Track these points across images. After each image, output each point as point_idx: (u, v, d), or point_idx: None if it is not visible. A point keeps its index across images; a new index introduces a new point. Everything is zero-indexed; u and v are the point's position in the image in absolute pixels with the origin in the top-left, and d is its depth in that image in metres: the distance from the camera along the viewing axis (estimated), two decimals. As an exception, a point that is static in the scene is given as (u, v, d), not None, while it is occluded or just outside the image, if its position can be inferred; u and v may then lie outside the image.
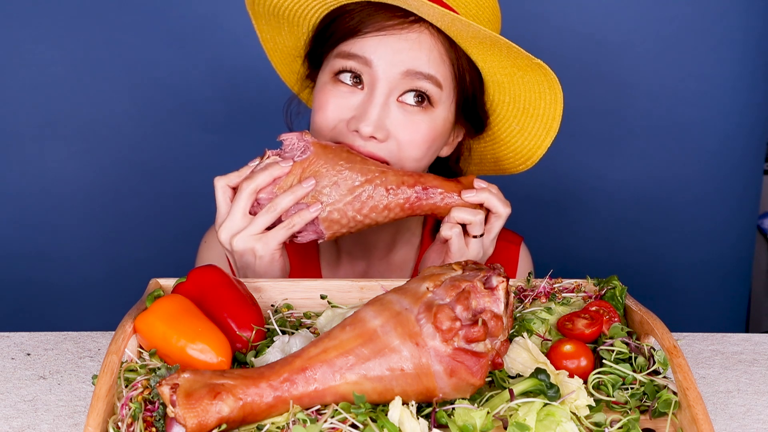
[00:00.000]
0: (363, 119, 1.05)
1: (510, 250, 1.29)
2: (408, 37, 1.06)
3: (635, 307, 0.86)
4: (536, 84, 1.08)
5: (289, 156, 1.01)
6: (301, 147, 1.01)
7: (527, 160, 1.18)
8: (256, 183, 0.98)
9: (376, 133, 1.05)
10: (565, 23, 1.61)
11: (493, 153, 1.22)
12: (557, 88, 1.07)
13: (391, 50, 1.05)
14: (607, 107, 1.66)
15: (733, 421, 0.87)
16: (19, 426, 0.83)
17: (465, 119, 1.15)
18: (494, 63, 1.07)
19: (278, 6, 1.14)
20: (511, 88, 1.11)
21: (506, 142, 1.18)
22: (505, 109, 1.15)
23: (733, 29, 1.63)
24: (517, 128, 1.16)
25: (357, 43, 1.07)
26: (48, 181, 1.63)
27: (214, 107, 1.63)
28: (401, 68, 1.05)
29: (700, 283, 1.77)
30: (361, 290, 0.90)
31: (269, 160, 1.01)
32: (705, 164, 1.70)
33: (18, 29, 1.56)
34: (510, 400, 0.72)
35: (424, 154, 1.10)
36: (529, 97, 1.11)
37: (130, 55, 1.58)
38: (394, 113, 1.06)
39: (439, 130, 1.10)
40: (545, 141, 1.14)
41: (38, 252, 1.65)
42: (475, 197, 1.03)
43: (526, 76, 1.07)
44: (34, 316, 1.67)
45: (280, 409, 0.69)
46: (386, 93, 1.06)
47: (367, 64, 1.06)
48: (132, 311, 0.79)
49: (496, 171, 1.25)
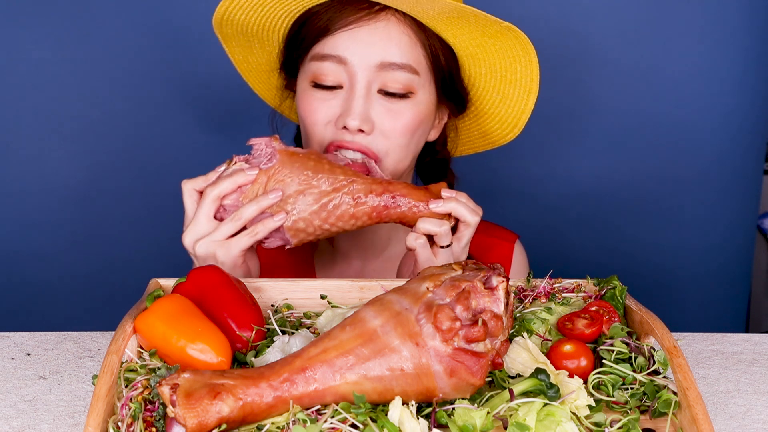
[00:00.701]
0: (348, 114, 1.06)
1: (504, 247, 1.30)
2: (376, 28, 1.07)
3: (635, 307, 0.86)
4: (509, 49, 1.09)
5: (255, 163, 1.00)
6: (267, 154, 1.00)
7: (513, 128, 1.19)
8: (219, 189, 0.98)
9: (362, 126, 1.06)
10: (564, 23, 1.61)
11: (479, 128, 1.23)
12: (530, 49, 1.08)
13: (362, 44, 1.07)
14: (606, 107, 1.66)
15: (733, 421, 0.87)
16: (19, 426, 0.83)
17: (447, 99, 1.16)
18: (464, 35, 1.08)
19: (246, 23, 1.14)
20: (486, 59, 1.12)
21: (490, 114, 1.19)
22: (483, 81, 1.16)
23: (733, 29, 1.62)
24: (498, 97, 1.16)
25: (328, 43, 1.08)
26: (48, 181, 1.62)
27: (213, 107, 1.63)
28: (375, 61, 1.06)
29: (700, 283, 1.77)
30: (361, 290, 0.90)
31: (235, 167, 1.00)
32: (705, 164, 1.70)
33: (18, 29, 1.56)
34: (510, 400, 0.72)
35: (410, 141, 1.11)
36: (504, 63, 1.11)
37: (129, 55, 1.58)
38: (376, 105, 1.08)
39: (423, 115, 1.11)
40: (528, 104, 1.15)
41: (38, 252, 1.65)
42: (442, 207, 1.02)
43: (497, 43, 1.08)
44: (34, 316, 1.67)
45: (280, 409, 0.69)
46: (366, 86, 1.07)
47: (341, 62, 1.08)
48: (132, 311, 0.79)
49: (485, 145, 1.26)
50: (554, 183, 1.70)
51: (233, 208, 0.99)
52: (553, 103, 1.47)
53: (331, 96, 1.09)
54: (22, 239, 1.64)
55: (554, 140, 1.66)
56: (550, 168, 1.69)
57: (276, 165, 0.99)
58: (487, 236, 1.29)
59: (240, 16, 1.13)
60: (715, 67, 1.64)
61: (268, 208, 0.98)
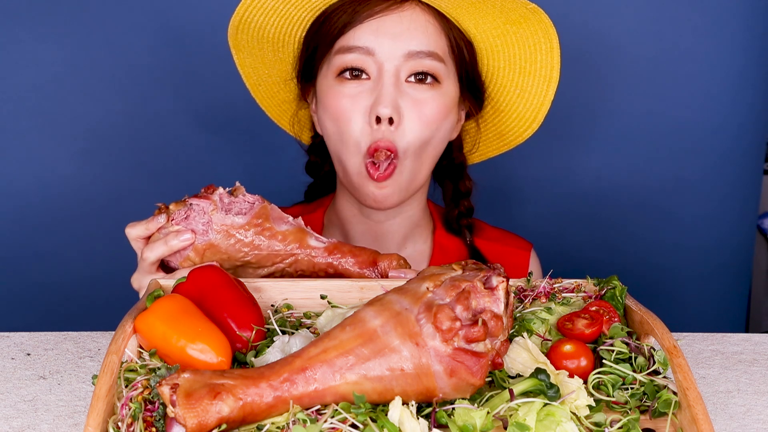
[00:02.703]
0: (380, 102, 1.05)
1: (519, 256, 1.29)
2: (402, 17, 1.07)
3: (635, 307, 0.86)
4: (530, 36, 1.08)
5: (191, 228, 0.97)
6: (205, 223, 0.97)
7: (532, 123, 1.18)
8: (155, 254, 0.97)
9: (393, 114, 1.05)
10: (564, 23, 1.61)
11: (496, 127, 1.22)
12: (552, 34, 1.07)
13: (389, 35, 1.06)
14: (606, 107, 1.66)
15: (733, 421, 0.87)
16: (19, 426, 0.83)
17: (467, 92, 1.15)
18: (487, 24, 1.08)
19: (264, 26, 1.13)
20: (505, 50, 1.11)
21: (508, 111, 1.18)
22: (501, 75, 1.15)
23: (733, 29, 1.63)
24: (516, 91, 1.16)
25: (355, 35, 1.08)
26: (48, 181, 1.62)
27: (214, 107, 1.63)
28: (403, 50, 1.06)
29: (700, 283, 1.77)
30: (361, 290, 0.90)
31: (172, 229, 0.98)
32: (705, 164, 1.70)
33: (18, 29, 1.56)
34: (510, 400, 0.72)
35: (434, 133, 1.10)
36: (524, 53, 1.11)
37: (130, 55, 1.58)
38: (406, 94, 1.07)
39: (449, 106, 1.11)
40: (548, 95, 1.14)
41: (38, 252, 1.65)
42: None
43: (519, 31, 1.08)
44: (34, 316, 1.67)
45: (280, 409, 0.69)
46: (394, 75, 1.07)
47: (369, 53, 1.07)
48: (132, 311, 0.79)
49: (500, 147, 1.25)
50: (554, 183, 1.70)
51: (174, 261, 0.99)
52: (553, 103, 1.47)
53: (360, 88, 1.08)
54: (22, 239, 1.64)
55: (553, 141, 1.66)
56: (549, 168, 1.69)
57: (211, 239, 0.97)
58: (502, 245, 1.28)
59: (259, 19, 1.12)
60: (715, 67, 1.64)
61: None
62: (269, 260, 0.98)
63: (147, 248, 0.98)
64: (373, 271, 1.00)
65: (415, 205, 1.21)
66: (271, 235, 0.98)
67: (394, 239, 1.22)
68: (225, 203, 0.98)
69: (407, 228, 1.22)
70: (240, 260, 0.98)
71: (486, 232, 1.29)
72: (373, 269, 1.00)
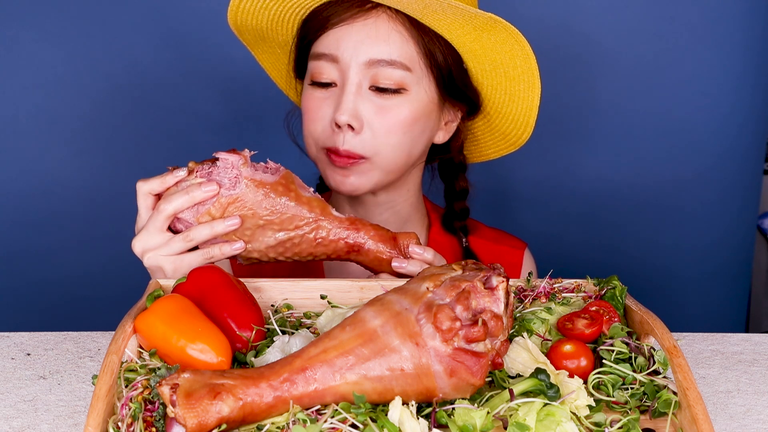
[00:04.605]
0: (338, 110, 1.07)
1: (513, 255, 1.29)
2: (365, 25, 1.07)
3: (635, 307, 0.86)
4: (503, 43, 1.07)
5: (218, 180, 0.94)
6: (232, 177, 0.95)
7: (526, 126, 1.17)
8: (174, 206, 0.94)
9: (351, 122, 1.06)
10: (564, 23, 1.61)
11: (497, 129, 1.22)
12: (523, 42, 1.05)
13: (352, 42, 1.07)
14: (606, 108, 1.66)
15: (733, 421, 0.87)
16: (19, 426, 0.83)
17: (455, 99, 1.15)
18: (458, 29, 1.07)
19: (258, 27, 1.15)
20: (485, 55, 1.10)
21: (502, 114, 1.18)
22: (488, 79, 1.14)
23: (733, 29, 1.63)
24: (506, 96, 1.15)
25: (324, 41, 1.09)
26: (48, 181, 1.63)
27: (214, 107, 1.63)
28: (364, 58, 1.07)
29: (700, 283, 1.77)
30: (361, 290, 0.90)
31: (194, 181, 0.94)
32: (705, 164, 1.70)
33: (18, 29, 1.56)
34: (510, 400, 0.72)
35: (402, 140, 1.10)
36: (503, 58, 1.10)
37: (130, 54, 1.59)
38: (367, 102, 1.08)
39: (418, 113, 1.10)
40: (533, 100, 1.13)
41: (38, 252, 1.65)
42: (406, 269, 0.99)
43: (491, 37, 1.07)
44: (34, 316, 1.67)
45: (280, 409, 0.69)
46: (356, 83, 1.07)
47: (334, 60, 1.08)
48: (132, 311, 0.79)
49: (508, 147, 1.24)
50: (554, 183, 1.70)
51: (187, 223, 0.95)
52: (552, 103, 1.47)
53: (327, 94, 1.10)
54: (22, 239, 1.64)
55: (554, 140, 1.66)
56: (549, 168, 1.69)
57: (238, 193, 0.95)
58: (496, 244, 1.28)
59: (251, 21, 1.14)
60: (715, 67, 1.64)
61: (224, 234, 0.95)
62: (292, 223, 0.97)
63: (164, 200, 0.94)
64: (393, 248, 1.00)
65: (402, 200, 1.21)
66: (297, 198, 0.97)
67: None
68: (252, 162, 0.96)
69: (397, 223, 1.22)
70: (263, 218, 0.95)
71: (481, 232, 1.30)
72: (392, 247, 1.00)
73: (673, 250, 1.74)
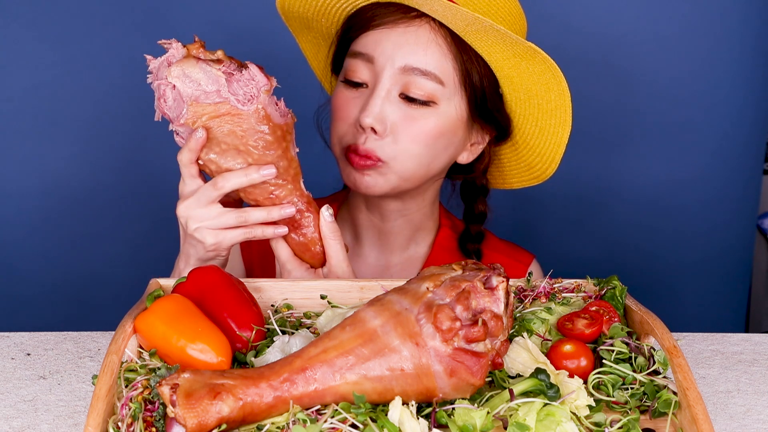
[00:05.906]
0: (364, 111, 1.07)
1: (520, 269, 1.28)
2: (407, 32, 1.07)
3: (635, 307, 0.86)
4: (541, 74, 1.06)
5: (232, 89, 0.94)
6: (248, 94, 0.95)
7: (552, 162, 1.17)
8: (231, 185, 0.96)
9: (375, 125, 1.06)
10: (565, 23, 1.61)
11: (522, 159, 1.21)
12: (560, 76, 1.05)
13: (391, 45, 1.07)
14: (606, 108, 1.66)
15: (733, 421, 0.87)
16: (19, 426, 0.83)
17: (485, 121, 1.14)
18: (497, 53, 1.07)
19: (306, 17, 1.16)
20: (522, 83, 1.09)
21: (529, 146, 1.17)
22: (521, 108, 1.13)
23: (732, 29, 1.63)
24: (536, 128, 1.14)
25: (362, 41, 1.09)
26: (48, 181, 1.63)
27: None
28: (400, 63, 1.06)
29: (700, 283, 1.77)
30: (361, 290, 0.90)
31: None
32: (705, 164, 1.70)
33: (18, 29, 1.56)
34: (510, 400, 0.72)
35: (423, 152, 1.09)
36: (539, 90, 1.09)
37: (130, 54, 1.58)
38: (395, 107, 1.07)
39: (444, 129, 1.10)
40: (563, 137, 1.12)
41: (38, 252, 1.65)
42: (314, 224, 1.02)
43: (530, 67, 1.06)
44: (34, 316, 1.67)
45: (280, 409, 0.69)
46: (387, 87, 1.07)
47: (370, 60, 1.08)
48: (132, 311, 0.79)
49: (531, 180, 1.23)
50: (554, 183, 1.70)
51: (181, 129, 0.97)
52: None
53: (357, 94, 1.10)
54: (22, 239, 1.64)
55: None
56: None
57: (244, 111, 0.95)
58: (505, 257, 1.28)
59: (298, 8, 1.15)
60: (715, 67, 1.64)
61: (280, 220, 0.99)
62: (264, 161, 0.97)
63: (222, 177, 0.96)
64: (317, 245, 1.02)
65: (417, 209, 1.21)
66: (285, 150, 0.98)
67: (398, 240, 1.24)
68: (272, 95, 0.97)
69: (410, 230, 1.23)
70: (246, 146, 0.96)
71: (490, 243, 1.29)
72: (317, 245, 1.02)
73: (673, 250, 1.74)
